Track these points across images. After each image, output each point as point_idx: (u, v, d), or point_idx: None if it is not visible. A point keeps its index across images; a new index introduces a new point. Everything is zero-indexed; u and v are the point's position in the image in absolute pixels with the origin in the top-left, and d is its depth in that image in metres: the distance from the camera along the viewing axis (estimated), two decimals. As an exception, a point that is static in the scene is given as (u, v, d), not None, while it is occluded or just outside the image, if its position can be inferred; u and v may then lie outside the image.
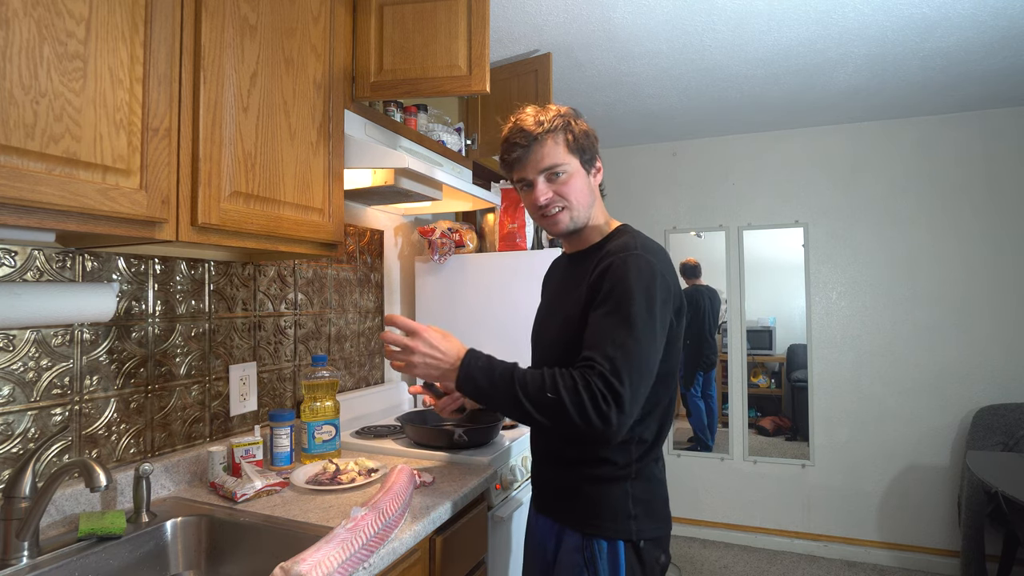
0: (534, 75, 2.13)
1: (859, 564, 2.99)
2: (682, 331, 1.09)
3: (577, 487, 1.07)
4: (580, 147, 1.09)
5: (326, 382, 1.53)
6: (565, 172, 1.08)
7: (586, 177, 1.10)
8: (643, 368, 0.95)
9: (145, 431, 1.25)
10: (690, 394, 3.45)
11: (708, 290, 3.40)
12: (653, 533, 1.05)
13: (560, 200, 1.09)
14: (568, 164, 1.08)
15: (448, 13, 1.43)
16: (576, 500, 1.07)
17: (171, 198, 0.97)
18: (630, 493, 1.04)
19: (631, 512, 1.03)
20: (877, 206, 3.05)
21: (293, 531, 1.06)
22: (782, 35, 2.06)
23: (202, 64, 1.02)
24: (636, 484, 1.05)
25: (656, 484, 1.08)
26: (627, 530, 1.03)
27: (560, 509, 1.10)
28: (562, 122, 1.07)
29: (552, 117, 1.08)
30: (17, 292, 0.95)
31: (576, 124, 1.09)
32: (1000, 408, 2.72)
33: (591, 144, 1.11)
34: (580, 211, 1.10)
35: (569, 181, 1.08)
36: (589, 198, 1.11)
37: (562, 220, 1.10)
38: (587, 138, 1.10)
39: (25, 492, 0.94)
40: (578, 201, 1.09)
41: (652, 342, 0.97)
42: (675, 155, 3.45)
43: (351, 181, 1.62)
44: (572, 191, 1.08)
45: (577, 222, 1.11)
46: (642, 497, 1.05)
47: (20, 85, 0.75)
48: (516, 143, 1.08)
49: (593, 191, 1.12)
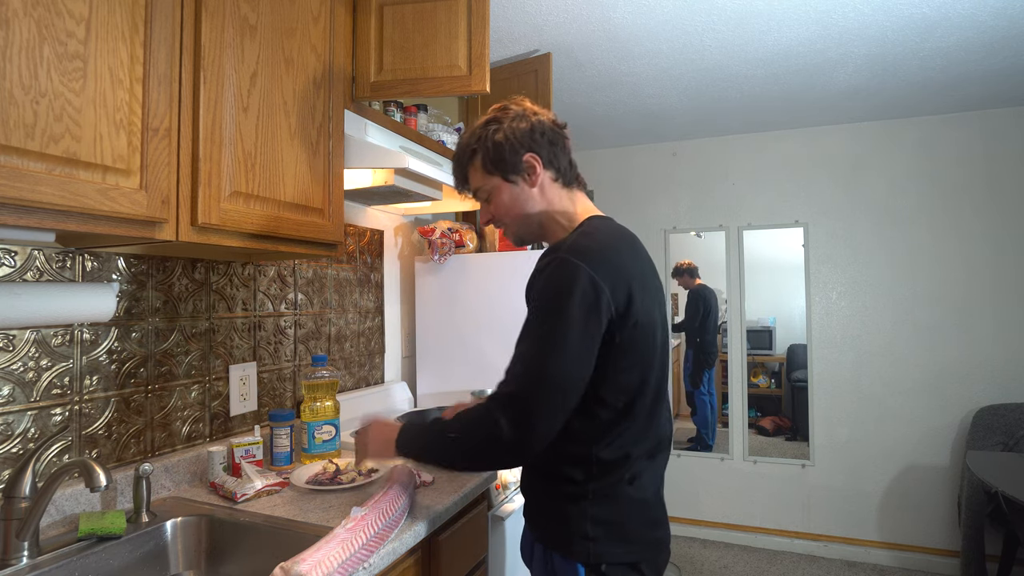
0: (534, 75, 2.13)
1: (859, 564, 2.99)
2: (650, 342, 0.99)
3: (542, 500, 1.04)
4: (495, 161, 1.04)
5: (326, 382, 1.53)
6: (488, 192, 1.07)
7: (512, 188, 1.05)
8: (549, 376, 0.89)
9: (145, 431, 1.25)
10: (698, 393, 3.46)
11: (707, 289, 3.41)
12: (623, 558, 0.97)
13: (496, 219, 1.10)
14: (487, 183, 1.07)
15: (448, 13, 1.43)
16: (543, 512, 1.04)
17: (171, 198, 0.97)
18: (588, 514, 0.97)
19: (588, 534, 0.96)
20: (877, 206, 3.05)
21: (293, 531, 1.06)
22: (782, 35, 2.06)
23: (202, 64, 1.02)
24: (596, 505, 0.97)
25: (631, 504, 0.99)
26: (584, 552, 0.96)
27: (532, 518, 1.07)
28: (476, 141, 1.06)
29: (467, 141, 1.08)
30: (17, 292, 0.95)
31: (491, 138, 1.04)
32: (1000, 408, 2.72)
33: (511, 150, 1.03)
34: (515, 224, 1.08)
35: (494, 200, 1.07)
36: (523, 207, 1.06)
37: (510, 235, 1.11)
38: (503, 148, 1.03)
39: (25, 492, 0.94)
40: (508, 216, 1.07)
41: (562, 348, 0.89)
42: (675, 155, 3.45)
43: (351, 181, 1.62)
44: (498, 209, 1.08)
45: (520, 233, 1.09)
46: (606, 519, 0.97)
47: (20, 85, 0.75)
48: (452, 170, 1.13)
49: (530, 195, 1.05)
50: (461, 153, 1.09)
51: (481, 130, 1.06)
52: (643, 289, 0.98)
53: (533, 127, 1.05)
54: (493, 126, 1.05)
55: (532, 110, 1.07)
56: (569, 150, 1.10)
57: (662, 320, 1.04)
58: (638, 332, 0.95)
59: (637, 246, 1.06)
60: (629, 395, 0.97)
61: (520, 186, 1.05)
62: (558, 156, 1.07)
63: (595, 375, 0.93)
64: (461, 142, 1.10)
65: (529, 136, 1.04)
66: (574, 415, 0.94)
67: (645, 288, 0.98)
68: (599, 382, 0.94)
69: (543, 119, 1.06)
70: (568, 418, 0.93)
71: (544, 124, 1.06)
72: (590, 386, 0.94)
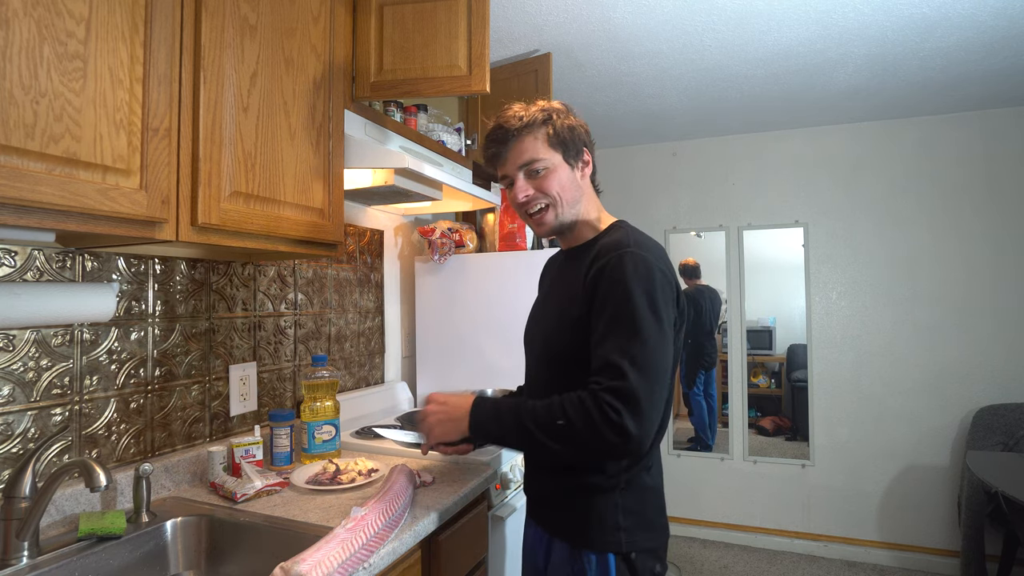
0: (534, 75, 2.13)
1: (859, 564, 2.99)
2: (683, 330, 1.06)
3: (566, 497, 1.04)
4: (563, 141, 1.05)
5: (326, 382, 1.53)
6: (545, 167, 1.04)
7: (571, 172, 1.07)
8: (655, 370, 0.91)
9: (145, 431, 1.25)
10: (692, 393, 3.45)
11: (709, 290, 3.40)
12: (646, 544, 1.01)
13: (542, 197, 1.06)
14: (548, 159, 1.05)
15: (448, 13, 1.43)
16: (565, 510, 1.04)
17: (171, 198, 0.97)
18: (620, 505, 1.00)
19: (620, 524, 0.99)
20: (877, 206, 3.05)
21: (293, 531, 1.06)
22: (782, 35, 2.06)
23: (202, 64, 1.02)
24: (626, 495, 1.01)
25: (648, 493, 1.04)
26: (616, 542, 0.99)
27: (549, 519, 1.07)
28: (543, 116, 1.05)
29: (533, 112, 1.06)
30: (17, 292, 0.95)
31: (560, 118, 1.06)
32: (1000, 408, 2.72)
33: (577, 138, 1.07)
34: (565, 207, 1.06)
35: (550, 176, 1.05)
36: (574, 193, 1.07)
37: (547, 219, 1.07)
38: (572, 132, 1.06)
39: (25, 492, 0.94)
40: (561, 196, 1.05)
41: (660, 341, 0.93)
42: (675, 155, 3.45)
43: (351, 181, 1.62)
44: (554, 186, 1.05)
45: (563, 219, 1.07)
46: (633, 508, 1.01)
47: (20, 85, 0.75)
48: (494, 139, 1.07)
49: (580, 186, 1.09)
50: (529, 120, 1.05)
51: (550, 109, 1.07)
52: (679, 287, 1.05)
53: (587, 128, 1.12)
54: (559, 111, 1.08)
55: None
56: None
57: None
58: (682, 326, 1.04)
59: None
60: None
61: (574, 172, 1.08)
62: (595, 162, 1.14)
63: None
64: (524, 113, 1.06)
65: (586, 134, 1.11)
66: None
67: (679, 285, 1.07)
68: None
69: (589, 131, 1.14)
70: None
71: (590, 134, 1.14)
72: None
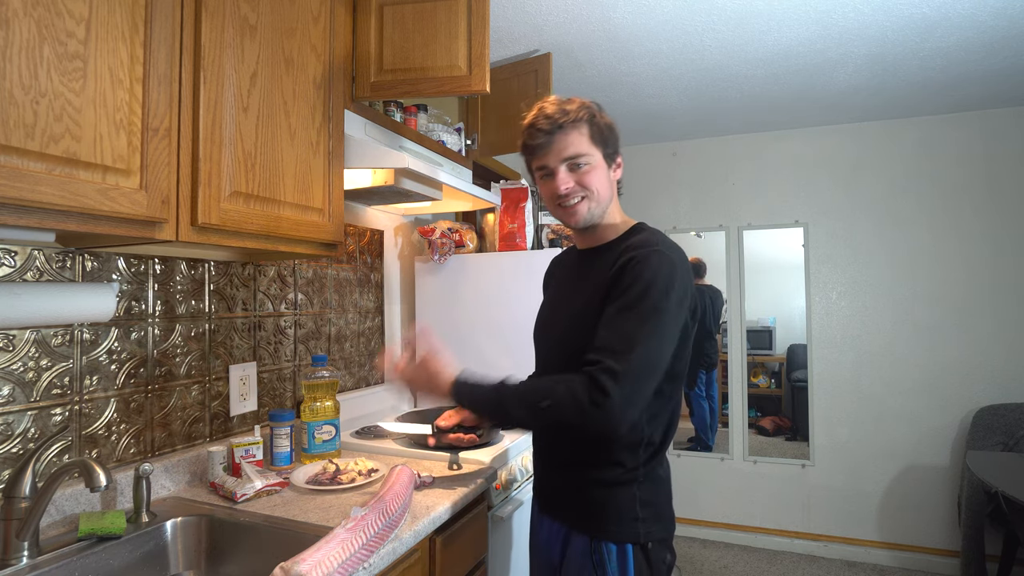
0: (534, 75, 2.13)
1: (859, 564, 2.99)
2: (694, 332, 1.09)
3: (584, 490, 1.06)
4: (603, 139, 1.08)
5: (326, 382, 1.53)
6: (588, 163, 1.06)
7: (607, 170, 1.09)
8: (649, 362, 0.94)
9: (145, 431, 1.25)
10: (693, 394, 3.45)
11: (711, 289, 3.40)
12: (660, 534, 1.05)
13: (581, 190, 1.06)
14: (591, 155, 1.07)
15: (448, 13, 1.43)
16: (583, 503, 1.06)
17: (171, 198, 0.97)
18: (637, 496, 1.04)
19: (638, 515, 1.03)
20: (877, 206, 3.05)
21: (293, 531, 1.06)
22: (782, 35, 2.06)
23: (202, 64, 1.02)
24: (643, 487, 1.04)
25: (661, 484, 1.08)
26: (635, 533, 1.02)
27: (567, 512, 1.09)
28: (587, 113, 1.07)
29: (578, 107, 1.07)
30: (17, 292, 0.95)
31: (600, 116, 1.08)
32: (1000, 408, 2.72)
33: (614, 138, 1.10)
34: (600, 203, 1.08)
35: (591, 172, 1.07)
36: (609, 192, 1.10)
37: (580, 211, 1.08)
38: (611, 132, 1.10)
39: (25, 492, 0.94)
40: (599, 192, 1.07)
41: (663, 337, 0.96)
42: (675, 155, 3.45)
43: (351, 181, 1.62)
44: (594, 181, 1.06)
45: (595, 214, 1.09)
46: (649, 500, 1.05)
47: (20, 85, 0.75)
48: (540, 129, 1.06)
49: (612, 186, 1.12)
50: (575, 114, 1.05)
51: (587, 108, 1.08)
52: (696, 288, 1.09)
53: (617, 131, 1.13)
54: (598, 109, 1.09)
55: None
56: None
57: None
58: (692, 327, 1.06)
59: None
60: (678, 382, 1.07)
61: (610, 169, 1.11)
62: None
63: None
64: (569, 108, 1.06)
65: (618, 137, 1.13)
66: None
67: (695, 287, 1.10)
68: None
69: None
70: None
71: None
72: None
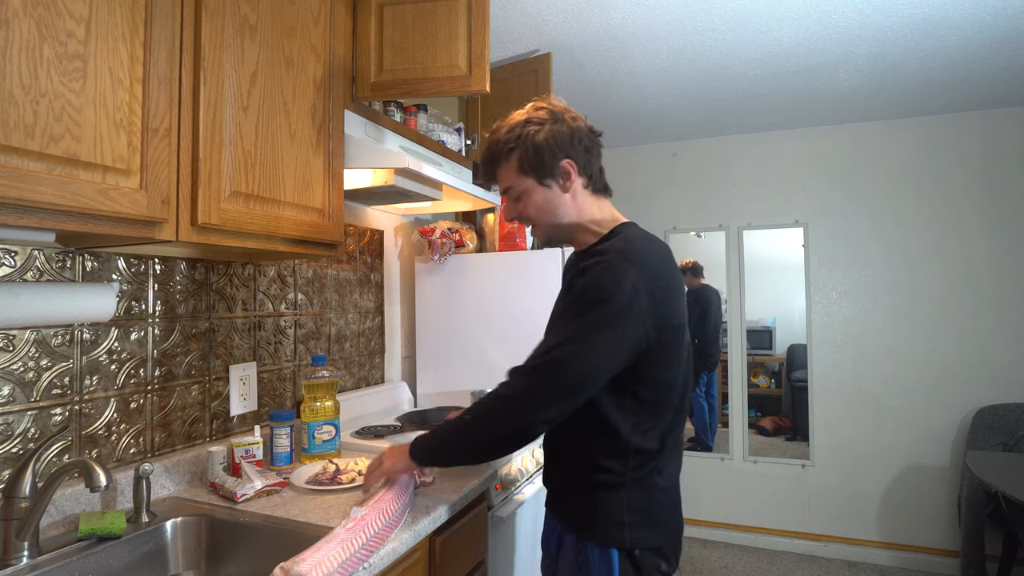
0: (534, 75, 2.13)
1: (859, 564, 2.99)
2: (681, 341, 1.04)
3: (575, 490, 1.07)
4: (534, 164, 1.04)
5: (326, 382, 1.53)
6: (518, 193, 1.08)
7: (546, 191, 1.06)
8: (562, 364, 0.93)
9: (145, 431, 1.25)
10: (694, 395, 3.45)
11: (707, 289, 3.41)
12: (652, 543, 1.02)
13: (523, 218, 1.11)
14: (520, 184, 1.07)
15: (448, 13, 1.43)
16: (573, 503, 1.06)
17: (171, 198, 0.97)
18: (625, 501, 1.01)
19: (625, 520, 1.01)
20: (877, 206, 3.05)
21: (293, 531, 1.06)
22: (782, 35, 2.06)
23: (202, 64, 1.02)
24: (633, 492, 1.01)
25: (659, 492, 1.04)
26: (620, 538, 1.00)
27: (562, 510, 1.10)
28: (511, 144, 1.05)
29: (505, 137, 1.06)
30: (17, 292, 0.95)
31: (531, 138, 1.03)
32: (1000, 408, 2.72)
33: (550, 156, 1.04)
34: (546, 224, 1.09)
35: (524, 200, 1.08)
36: (554, 210, 1.07)
37: (535, 233, 1.13)
38: (543, 152, 1.03)
39: (25, 492, 0.94)
40: (537, 218, 1.09)
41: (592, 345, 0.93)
42: (675, 155, 3.45)
43: (351, 181, 1.62)
44: (530, 209, 1.08)
45: (548, 233, 1.10)
46: (640, 505, 1.02)
47: (20, 85, 0.75)
48: (480, 164, 1.11)
49: (562, 201, 1.07)
50: (497, 149, 1.07)
51: (521, 128, 1.05)
52: (678, 293, 1.04)
53: (573, 132, 1.05)
54: (534, 126, 1.04)
55: (572, 114, 1.08)
56: (600, 157, 1.11)
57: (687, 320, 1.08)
58: (673, 333, 1.00)
59: (669, 253, 1.09)
60: (664, 391, 1.02)
61: (553, 190, 1.07)
62: (592, 163, 1.08)
63: (634, 373, 0.97)
64: (497, 137, 1.07)
65: (569, 141, 1.05)
66: (611, 409, 0.99)
67: (679, 291, 1.04)
68: (637, 379, 0.98)
69: (582, 125, 1.07)
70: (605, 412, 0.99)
71: (583, 130, 1.07)
72: (629, 382, 0.98)
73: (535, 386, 0.96)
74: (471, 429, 1.02)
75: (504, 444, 1.01)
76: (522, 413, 0.96)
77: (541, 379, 0.95)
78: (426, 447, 1.07)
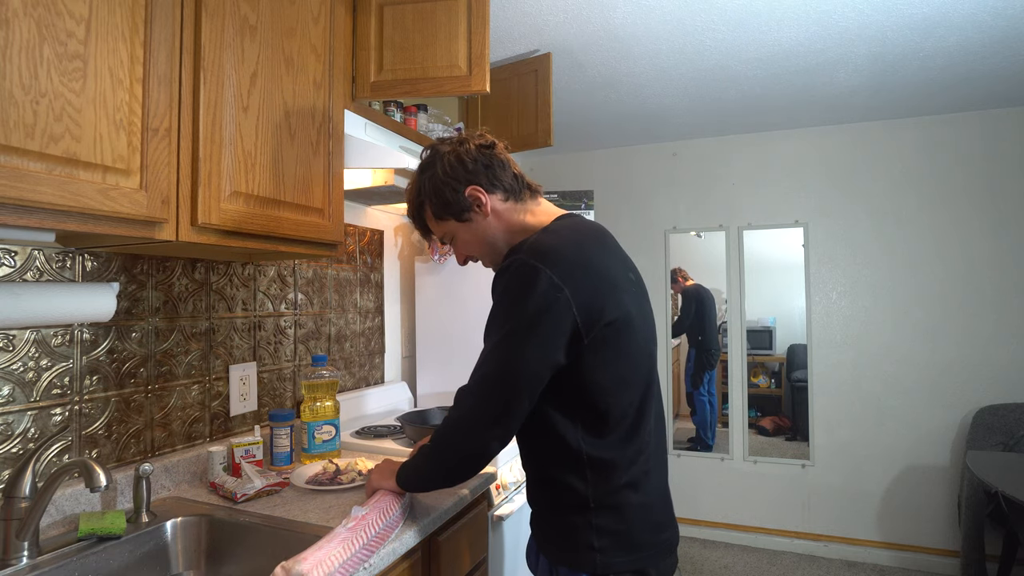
0: (534, 75, 2.13)
1: (859, 564, 2.99)
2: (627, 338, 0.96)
3: (544, 510, 1.03)
4: (444, 206, 1.04)
5: (326, 382, 1.53)
6: (450, 236, 1.10)
7: (469, 225, 1.06)
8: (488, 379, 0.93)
9: (145, 431, 1.25)
10: (697, 393, 3.46)
11: (699, 289, 3.43)
12: (627, 567, 0.95)
13: (469, 257, 1.13)
14: (445, 230, 1.09)
15: (448, 13, 1.43)
16: (546, 525, 1.03)
17: (171, 198, 0.97)
18: (593, 524, 0.95)
19: (594, 545, 0.95)
20: (877, 206, 3.05)
21: (293, 531, 1.06)
22: (782, 35, 2.06)
23: (202, 64, 1.02)
24: (601, 514, 0.95)
25: (636, 511, 0.97)
26: (590, 562, 0.94)
27: (536, 530, 1.06)
28: (417, 202, 1.08)
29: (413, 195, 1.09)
30: (17, 292, 0.95)
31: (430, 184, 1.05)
32: (1000, 408, 2.72)
33: (453, 191, 1.03)
34: (485, 257, 1.11)
35: (457, 241, 1.10)
36: (485, 240, 1.07)
37: (486, 266, 1.14)
38: (443, 192, 1.03)
39: (25, 492, 0.94)
40: (478, 251, 1.10)
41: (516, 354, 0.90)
42: (675, 155, 3.45)
43: (351, 181, 1.62)
44: (465, 248, 1.11)
45: (495, 260, 1.10)
46: (610, 528, 0.95)
47: (20, 85, 0.75)
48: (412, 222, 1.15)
49: (487, 227, 1.06)
50: (412, 209, 1.11)
51: (418, 181, 1.07)
52: (613, 285, 0.95)
53: (462, 159, 1.03)
54: (427, 173, 1.06)
55: (458, 139, 1.06)
56: (508, 164, 1.07)
57: (641, 314, 1.01)
58: (610, 330, 0.93)
59: (606, 240, 1.04)
60: (611, 393, 0.94)
61: (475, 220, 1.06)
62: (498, 176, 1.05)
63: (569, 374, 0.92)
64: (409, 198, 1.11)
65: (463, 170, 1.03)
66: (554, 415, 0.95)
67: (615, 284, 0.96)
68: (575, 381, 0.93)
69: (469, 147, 1.05)
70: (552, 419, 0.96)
71: (471, 151, 1.04)
72: (568, 385, 0.93)
73: (474, 405, 0.94)
74: (434, 456, 1.01)
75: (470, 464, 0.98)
76: (470, 434, 0.95)
77: (477, 398, 0.94)
78: (404, 477, 1.07)
